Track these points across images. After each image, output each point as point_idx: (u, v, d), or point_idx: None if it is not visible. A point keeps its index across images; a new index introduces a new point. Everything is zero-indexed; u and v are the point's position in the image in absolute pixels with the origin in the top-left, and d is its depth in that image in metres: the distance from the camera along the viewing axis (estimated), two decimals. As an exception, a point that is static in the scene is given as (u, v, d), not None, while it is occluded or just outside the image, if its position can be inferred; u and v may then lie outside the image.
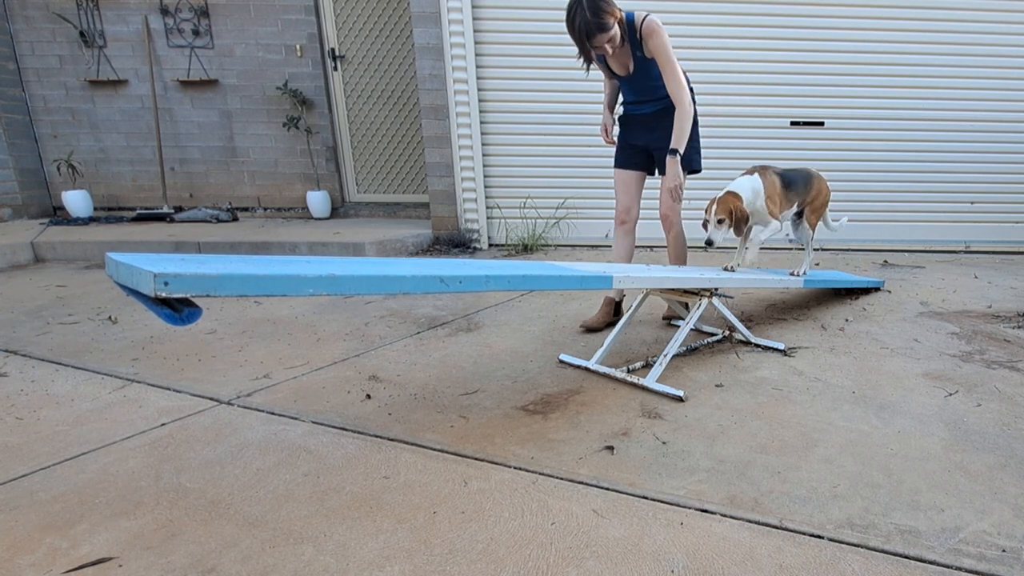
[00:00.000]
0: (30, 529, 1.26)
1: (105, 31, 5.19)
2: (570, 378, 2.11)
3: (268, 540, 1.22)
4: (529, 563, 1.15)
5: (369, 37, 5.38)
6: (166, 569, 1.13)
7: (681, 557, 1.17)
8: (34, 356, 2.32)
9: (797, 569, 1.14)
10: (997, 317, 2.81)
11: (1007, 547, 1.20)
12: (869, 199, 4.67)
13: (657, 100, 2.45)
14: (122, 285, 1.10)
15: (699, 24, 4.34)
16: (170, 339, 2.52)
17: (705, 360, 2.29)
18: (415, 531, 1.25)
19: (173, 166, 5.54)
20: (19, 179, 5.23)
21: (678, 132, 2.33)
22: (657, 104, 2.47)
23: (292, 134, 5.42)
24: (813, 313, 2.89)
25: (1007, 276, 3.74)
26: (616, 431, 1.70)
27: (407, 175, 5.72)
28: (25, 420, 1.78)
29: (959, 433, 1.69)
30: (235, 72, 5.34)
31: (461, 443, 1.63)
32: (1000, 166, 4.62)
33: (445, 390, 2.00)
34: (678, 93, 2.30)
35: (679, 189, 2.40)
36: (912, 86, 4.46)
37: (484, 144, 4.54)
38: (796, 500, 1.36)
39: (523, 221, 4.67)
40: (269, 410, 1.84)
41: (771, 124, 4.53)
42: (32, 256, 4.26)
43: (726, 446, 1.62)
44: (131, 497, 1.37)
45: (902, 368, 2.19)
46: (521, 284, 1.55)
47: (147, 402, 1.91)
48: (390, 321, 2.81)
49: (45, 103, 5.33)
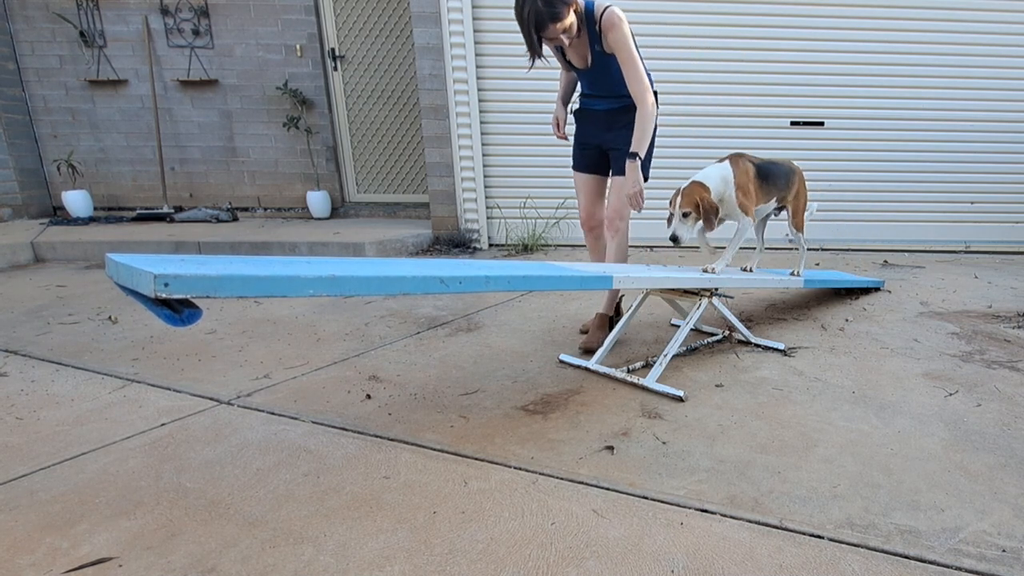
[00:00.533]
0: (30, 529, 1.26)
1: (105, 31, 5.19)
2: (570, 378, 2.11)
3: (268, 540, 1.22)
4: (529, 563, 1.15)
5: (369, 37, 5.38)
6: (166, 569, 1.13)
7: (681, 557, 1.17)
8: (34, 356, 2.32)
9: (797, 569, 1.14)
10: (997, 317, 2.81)
11: (1007, 547, 1.20)
12: (869, 199, 4.68)
13: (616, 98, 2.28)
14: (122, 286, 1.10)
15: (700, 24, 4.34)
16: (170, 339, 2.52)
17: (705, 360, 2.29)
18: (415, 531, 1.25)
19: (173, 166, 5.54)
20: (19, 179, 5.22)
21: (639, 134, 2.16)
22: (615, 102, 2.29)
23: (292, 134, 5.42)
24: (813, 313, 2.89)
25: (1007, 276, 3.74)
26: (616, 431, 1.70)
27: (407, 175, 5.72)
28: (25, 420, 1.78)
29: (959, 433, 1.69)
30: (235, 72, 5.34)
31: (461, 443, 1.62)
32: (1000, 166, 4.62)
33: (445, 390, 2.00)
34: (640, 92, 2.13)
35: (639, 196, 2.21)
36: (912, 86, 4.46)
37: (484, 144, 4.54)
38: (796, 500, 1.36)
39: (523, 221, 4.67)
40: (269, 410, 1.84)
41: (771, 124, 4.53)
42: (32, 256, 4.26)
43: (726, 446, 1.62)
44: (131, 497, 1.37)
45: (902, 368, 2.19)
46: (521, 284, 1.55)
47: (147, 402, 1.91)
48: (390, 321, 2.81)
49: (45, 103, 5.33)
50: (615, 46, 2.12)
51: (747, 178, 2.28)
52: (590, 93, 2.37)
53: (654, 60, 4.35)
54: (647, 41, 4.37)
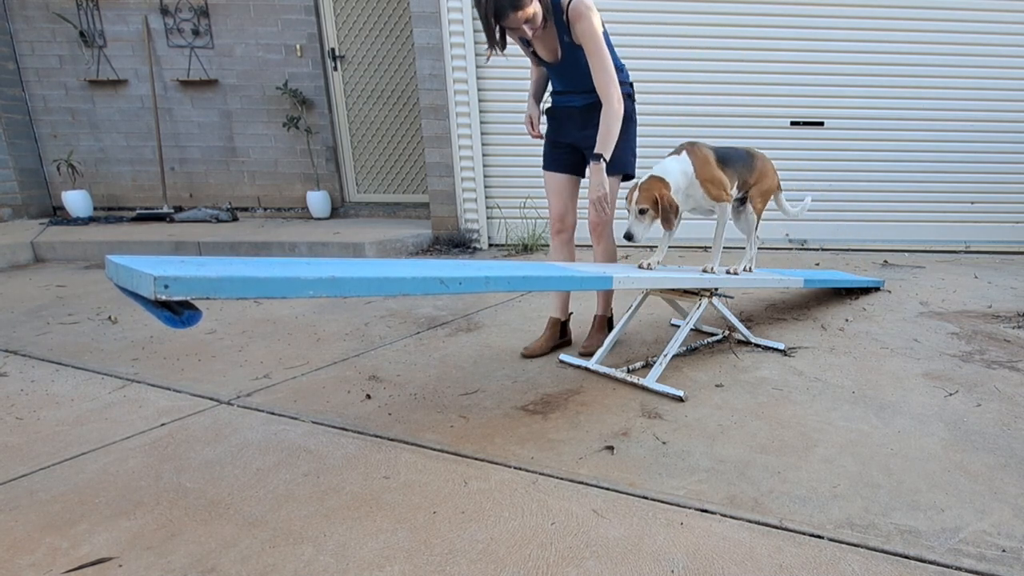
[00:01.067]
0: (30, 529, 1.26)
1: (105, 31, 5.19)
2: (570, 378, 2.11)
3: (268, 540, 1.22)
4: (529, 563, 1.15)
5: (369, 37, 5.38)
6: (166, 569, 1.13)
7: (681, 557, 1.17)
8: (34, 356, 2.32)
9: (797, 569, 1.14)
10: (997, 317, 2.81)
11: (1007, 547, 1.20)
12: (869, 199, 4.67)
13: (588, 92, 2.13)
14: (122, 288, 1.10)
15: (700, 24, 4.34)
16: (170, 339, 2.52)
17: (705, 360, 2.29)
18: (415, 531, 1.25)
19: (173, 166, 5.54)
20: (19, 179, 5.22)
21: (604, 134, 2.03)
22: (588, 97, 2.15)
23: (292, 134, 5.42)
24: (813, 313, 2.89)
25: (1007, 276, 3.74)
26: (616, 431, 1.70)
27: (407, 175, 5.72)
28: (25, 420, 1.78)
29: (959, 433, 1.69)
30: (235, 72, 5.34)
31: (461, 443, 1.63)
32: (1000, 166, 4.61)
33: (445, 390, 2.00)
34: (606, 87, 2.01)
35: (603, 201, 2.07)
36: (912, 86, 4.46)
37: (484, 144, 4.54)
38: (796, 500, 1.36)
39: (523, 221, 4.67)
40: (269, 410, 1.84)
41: (771, 124, 4.53)
42: (32, 256, 4.26)
43: (726, 446, 1.62)
44: (131, 497, 1.37)
45: (902, 368, 2.19)
46: (521, 285, 1.55)
47: (147, 402, 1.91)
48: (390, 321, 2.81)
49: (45, 103, 5.33)
50: (582, 36, 2.00)
51: (710, 166, 2.16)
52: (563, 89, 2.25)
53: (654, 60, 4.41)
54: (647, 41, 4.41)
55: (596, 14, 1.98)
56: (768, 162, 2.45)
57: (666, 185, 2.07)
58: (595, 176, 2.06)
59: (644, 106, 4.39)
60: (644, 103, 4.40)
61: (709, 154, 2.18)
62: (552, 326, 2.41)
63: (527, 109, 2.39)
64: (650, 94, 4.47)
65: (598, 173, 2.05)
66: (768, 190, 2.46)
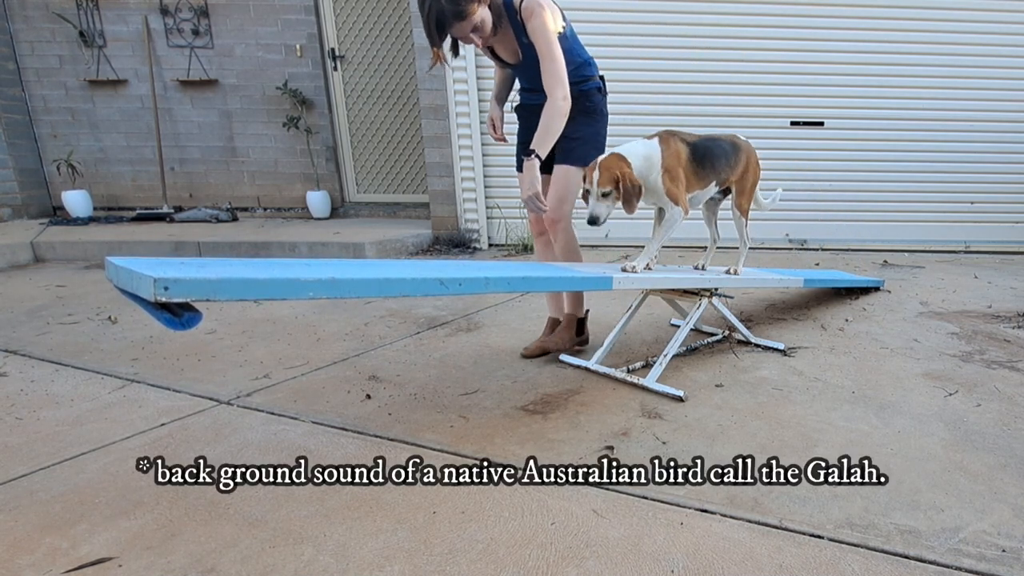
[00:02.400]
0: (30, 529, 1.26)
1: (105, 31, 5.19)
2: (570, 378, 2.11)
3: (268, 540, 1.22)
4: (529, 563, 1.15)
5: (369, 37, 5.38)
6: (166, 569, 1.13)
7: (681, 557, 1.17)
8: (34, 356, 2.32)
9: (797, 569, 1.14)
10: (997, 317, 2.81)
11: (1007, 547, 1.20)
12: (869, 199, 4.67)
13: None
14: (122, 289, 1.10)
15: (700, 24, 4.34)
16: (170, 339, 2.52)
17: (705, 360, 2.29)
18: (415, 531, 1.25)
19: (173, 166, 5.54)
20: (19, 179, 5.22)
21: (542, 131, 1.93)
22: None
23: (292, 134, 5.42)
24: (813, 313, 2.89)
25: (1007, 276, 3.74)
26: (616, 431, 1.70)
27: (407, 175, 5.72)
28: (25, 420, 1.78)
29: (959, 433, 1.69)
30: (235, 72, 5.34)
31: (461, 443, 1.63)
32: (1000, 166, 4.62)
33: (445, 390, 2.00)
34: (552, 86, 1.92)
35: (536, 199, 1.95)
36: (912, 86, 4.46)
37: (484, 144, 4.54)
38: (796, 500, 1.36)
39: (523, 221, 4.66)
40: (269, 410, 1.84)
41: (771, 124, 4.53)
42: (32, 256, 4.26)
43: (726, 446, 1.62)
44: (131, 497, 1.37)
45: (902, 368, 2.19)
46: (521, 285, 1.55)
47: (147, 402, 1.91)
48: (390, 321, 2.81)
49: (45, 103, 5.33)
50: (532, 34, 1.93)
51: (677, 161, 2.00)
52: (529, 87, 2.19)
53: (654, 60, 4.41)
54: (647, 41, 4.41)
55: (548, 10, 1.92)
56: (753, 153, 2.31)
57: (627, 164, 1.92)
58: (527, 173, 1.94)
59: (644, 106, 4.44)
60: (644, 103, 4.45)
61: (682, 149, 2.03)
62: (551, 326, 2.40)
63: (489, 111, 2.35)
64: (650, 94, 4.48)
65: (530, 170, 1.94)
66: (751, 185, 2.34)
